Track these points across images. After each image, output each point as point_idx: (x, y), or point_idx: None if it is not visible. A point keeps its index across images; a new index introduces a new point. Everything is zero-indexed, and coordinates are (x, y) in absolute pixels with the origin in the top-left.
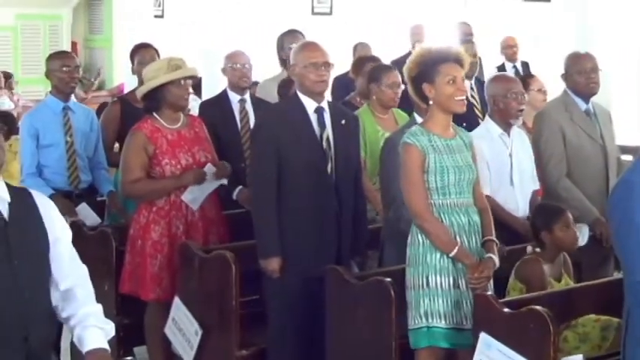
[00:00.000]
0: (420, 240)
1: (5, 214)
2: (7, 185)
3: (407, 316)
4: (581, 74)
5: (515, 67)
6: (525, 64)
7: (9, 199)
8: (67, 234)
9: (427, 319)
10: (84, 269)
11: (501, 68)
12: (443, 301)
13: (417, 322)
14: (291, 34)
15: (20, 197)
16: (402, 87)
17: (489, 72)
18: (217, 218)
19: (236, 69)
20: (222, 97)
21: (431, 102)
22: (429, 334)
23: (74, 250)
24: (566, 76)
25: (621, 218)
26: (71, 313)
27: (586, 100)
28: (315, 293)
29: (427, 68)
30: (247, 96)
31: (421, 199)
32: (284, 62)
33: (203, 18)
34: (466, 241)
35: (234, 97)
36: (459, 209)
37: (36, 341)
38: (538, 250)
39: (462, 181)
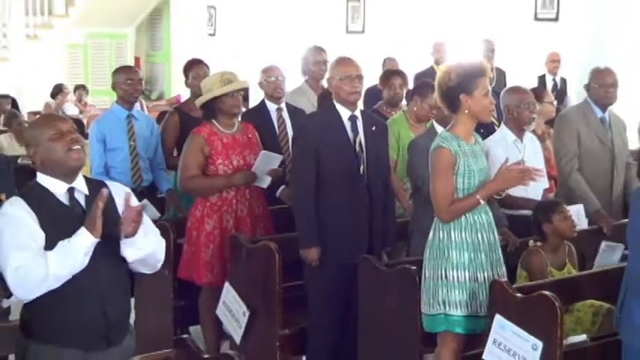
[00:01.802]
0: (441, 237)
1: (83, 205)
2: (86, 179)
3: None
4: (601, 87)
5: (554, 79)
6: (563, 80)
7: (87, 192)
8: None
9: (445, 307)
10: (159, 244)
11: (542, 79)
12: (459, 292)
13: (435, 309)
14: (316, 50)
15: (97, 189)
16: None
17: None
18: (263, 213)
19: (270, 82)
20: (261, 106)
21: (466, 110)
22: (446, 321)
23: (153, 227)
24: (589, 87)
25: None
26: None
27: (603, 109)
28: (349, 279)
29: (467, 80)
30: (283, 105)
31: (448, 200)
32: (305, 73)
33: (250, 36)
34: (486, 236)
35: (271, 107)
36: (480, 209)
37: (113, 314)
38: (539, 243)
39: (484, 183)
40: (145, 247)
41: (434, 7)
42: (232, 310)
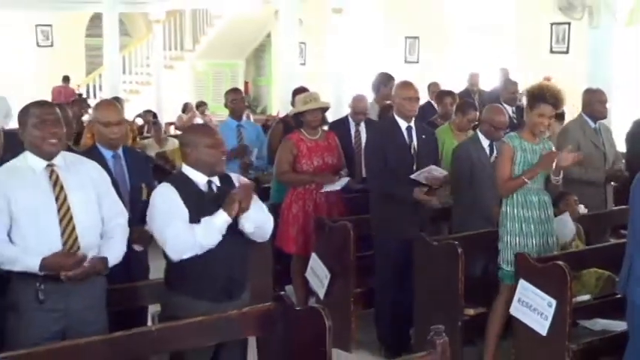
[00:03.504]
0: (503, 211)
1: (216, 192)
2: None
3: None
4: (600, 103)
5: None
6: None
7: (219, 184)
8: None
9: (504, 264)
10: (268, 218)
11: None
12: (511, 254)
13: (501, 264)
14: (387, 76)
15: (226, 180)
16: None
17: None
18: (337, 200)
19: (357, 111)
20: (344, 120)
21: (526, 119)
22: (505, 274)
23: (262, 205)
24: (584, 104)
25: None
26: None
27: (594, 121)
28: (406, 251)
29: (533, 99)
30: (362, 123)
31: (505, 179)
32: (375, 90)
33: (331, 65)
34: (537, 213)
35: (352, 123)
36: (533, 192)
37: (236, 276)
38: None
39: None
40: (258, 220)
41: (470, 43)
42: (318, 274)
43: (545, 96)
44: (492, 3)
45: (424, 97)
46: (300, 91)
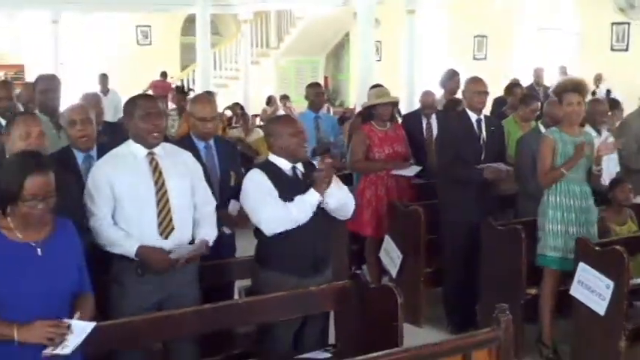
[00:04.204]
0: (545, 200)
1: (300, 177)
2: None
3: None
4: None
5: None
6: (608, 91)
7: (302, 170)
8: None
9: (545, 250)
10: (349, 197)
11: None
12: (553, 240)
13: (541, 250)
14: (452, 72)
15: (309, 166)
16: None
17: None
18: (407, 186)
19: (426, 104)
20: (416, 113)
21: (561, 113)
22: (546, 259)
23: (343, 185)
24: None
25: None
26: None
27: None
28: (472, 234)
29: (560, 92)
30: (433, 115)
31: (545, 170)
32: (443, 86)
33: (405, 62)
34: (577, 202)
35: (423, 117)
36: (575, 182)
37: (321, 253)
38: (604, 207)
39: (578, 165)
40: (341, 196)
41: (535, 42)
42: (390, 254)
43: (567, 86)
44: (556, 4)
45: (495, 92)
46: (376, 85)
